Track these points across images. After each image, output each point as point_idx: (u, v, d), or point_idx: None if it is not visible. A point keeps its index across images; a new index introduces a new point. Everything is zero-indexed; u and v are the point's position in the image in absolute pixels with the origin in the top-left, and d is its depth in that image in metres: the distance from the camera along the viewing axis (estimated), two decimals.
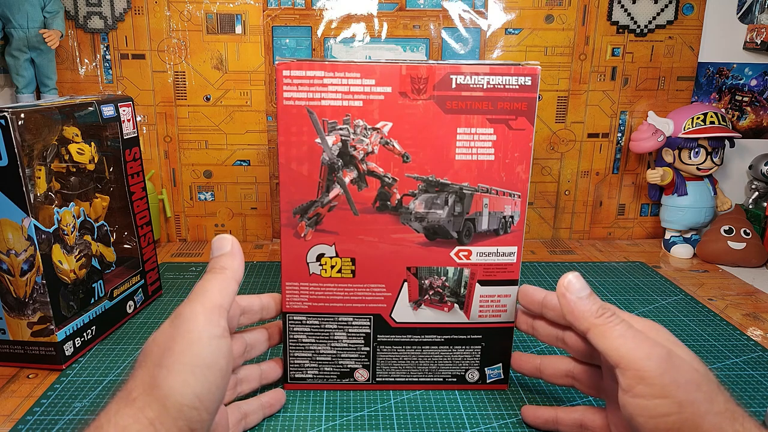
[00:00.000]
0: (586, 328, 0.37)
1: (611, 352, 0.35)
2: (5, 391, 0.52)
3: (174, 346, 0.33)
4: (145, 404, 0.32)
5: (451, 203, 0.48)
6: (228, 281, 0.38)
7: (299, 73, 0.44)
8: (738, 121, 0.93)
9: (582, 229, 0.96)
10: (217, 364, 0.34)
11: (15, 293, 0.53)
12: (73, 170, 0.57)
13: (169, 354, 0.33)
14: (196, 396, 0.33)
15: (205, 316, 0.35)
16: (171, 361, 0.33)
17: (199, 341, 0.34)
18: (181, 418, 0.32)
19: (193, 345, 0.34)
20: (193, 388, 0.33)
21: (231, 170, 0.90)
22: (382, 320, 0.50)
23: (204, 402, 0.33)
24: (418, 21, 0.85)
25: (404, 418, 0.49)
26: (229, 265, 0.38)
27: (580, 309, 0.38)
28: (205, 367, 0.33)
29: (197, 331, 0.34)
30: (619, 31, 0.87)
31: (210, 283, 0.37)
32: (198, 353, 0.33)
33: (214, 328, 0.35)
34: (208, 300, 0.36)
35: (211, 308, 0.35)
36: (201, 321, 0.35)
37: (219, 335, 0.35)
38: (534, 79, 0.45)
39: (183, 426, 0.32)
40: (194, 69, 0.86)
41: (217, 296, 0.36)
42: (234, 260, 0.39)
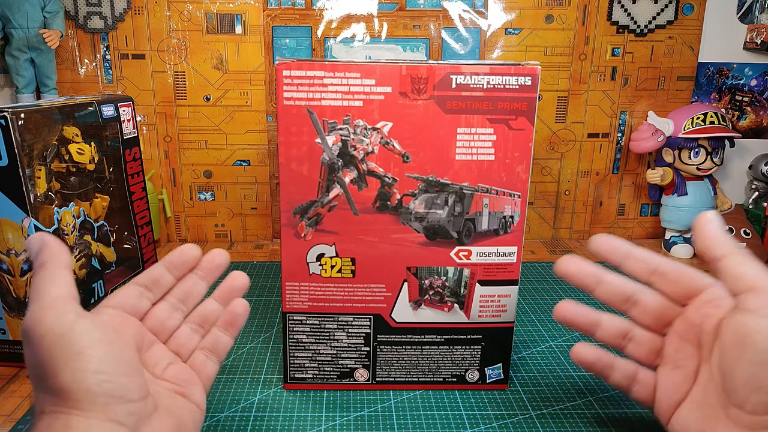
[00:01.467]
0: (723, 254, 0.38)
1: (749, 276, 0.36)
2: (5, 391, 0.52)
3: (41, 358, 0.32)
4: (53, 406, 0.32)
5: (451, 203, 0.48)
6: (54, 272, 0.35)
7: (299, 73, 0.45)
8: (738, 121, 0.93)
9: (582, 229, 0.96)
10: (93, 339, 0.33)
11: (15, 293, 0.53)
12: (73, 170, 0.57)
13: (43, 365, 0.32)
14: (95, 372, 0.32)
15: (48, 314, 0.33)
16: (49, 369, 0.32)
17: (58, 337, 0.32)
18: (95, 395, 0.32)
19: (56, 342, 0.32)
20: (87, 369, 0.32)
21: (231, 170, 0.90)
22: (382, 320, 0.50)
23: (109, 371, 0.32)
24: (418, 21, 0.85)
25: (404, 418, 0.49)
26: (48, 256, 0.36)
27: (722, 237, 0.39)
28: (85, 348, 0.32)
29: (50, 332, 0.32)
30: (619, 31, 0.87)
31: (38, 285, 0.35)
32: (66, 344, 0.32)
33: (62, 317, 0.33)
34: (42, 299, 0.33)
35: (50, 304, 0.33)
36: (46, 321, 0.32)
37: (74, 319, 0.33)
38: (534, 79, 0.45)
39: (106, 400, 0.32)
40: (194, 69, 0.86)
41: (51, 291, 0.34)
42: (51, 249, 0.36)
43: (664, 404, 0.41)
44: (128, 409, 0.33)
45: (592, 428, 0.48)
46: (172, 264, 0.44)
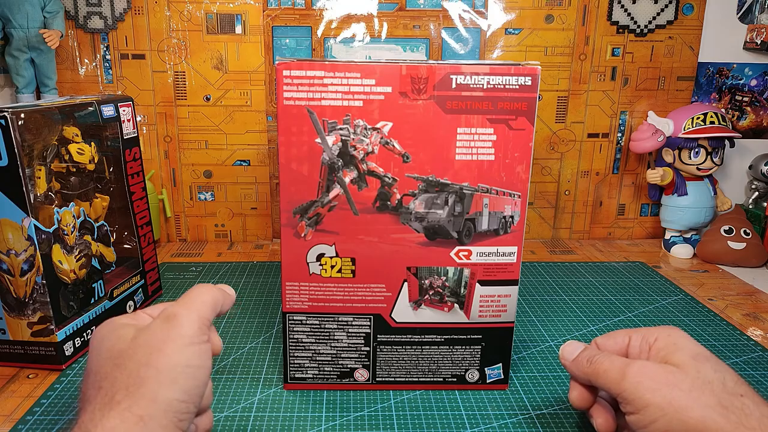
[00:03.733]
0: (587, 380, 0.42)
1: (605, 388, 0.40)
2: (5, 391, 0.52)
3: (165, 348, 0.35)
4: (132, 403, 0.33)
5: (451, 203, 0.48)
6: (219, 297, 0.40)
7: (299, 73, 0.44)
8: (738, 121, 0.93)
9: (582, 229, 0.96)
10: (201, 365, 0.36)
11: (15, 293, 0.53)
12: (73, 170, 0.57)
13: (160, 354, 0.35)
14: (185, 391, 0.35)
15: (198, 325, 0.37)
16: (162, 362, 0.34)
17: (190, 346, 0.36)
18: (170, 410, 0.34)
19: (185, 349, 0.36)
20: (182, 385, 0.35)
21: (231, 170, 0.90)
22: (382, 320, 0.50)
23: (191, 396, 0.35)
24: (418, 21, 0.85)
25: (404, 418, 0.49)
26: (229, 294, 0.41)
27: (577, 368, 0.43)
28: (195, 367, 0.36)
29: (190, 336, 0.36)
30: (619, 31, 0.87)
31: (207, 295, 0.39)
32: (189, 356, 0.36)
33: (202, 336, 0.37)
34: (203, 310, 0.38)
35: (204, 319, 0.38)
36: (195, 328, 0.37)
37: (204, 342, 0.37)
38: (534, 79, 0.45)
39: (172, 418, 0.34)
40: (194, 69, 0.86)
41: (209, 310, 0.39)
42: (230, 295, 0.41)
43: None
44: None
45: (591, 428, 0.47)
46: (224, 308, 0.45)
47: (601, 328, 0.65)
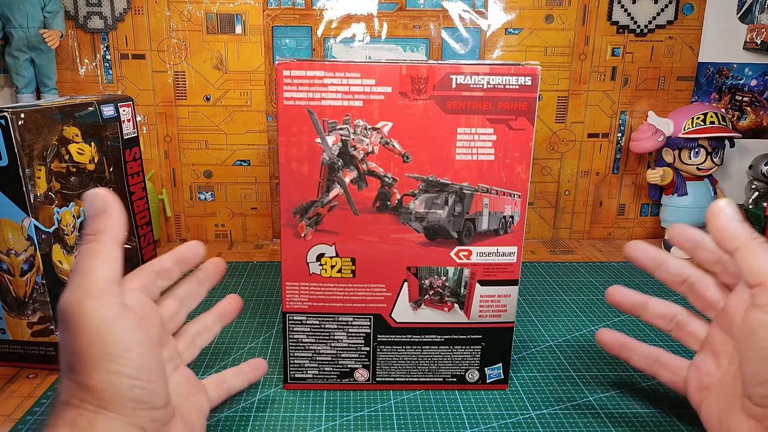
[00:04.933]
0: (737, 246, 0.37)
1: (760, 270, 0.35)
2: (5, 391, 0.52)
3: (77, 348, 0.31)
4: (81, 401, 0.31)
5: (451, 203, 0.48)
6: (107, 247, 0.33)
7: (299, 73, 0.44)
8: (738, 121, 0.93)
9: (582, 229, 0.96)
10: (131, 341, 0.32)
11: (15, 293, 0.53)
12: (73, 170, 0.57)
13: (77, 358, 0.31)
14: (129, 377, 0.31)
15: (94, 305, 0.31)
16: (83, 364, 0.31)
17: (99, 333, 0.31)
18: (126, 399, 0.31)
19: (96, 339, 0.31)
20: (122, 373, 0.31)
21: (231, 170, 0.90)
22: (382, 320, 0.50)
23: (141, 376, 0.32)
24: (418, 21, 0.85)
25: (404, 418, 0.49)
26: (104, 226, 0.33)
27: (735, 228, 0.37)
28: (122, 350, 0.31)
29: (92, 323, 0.31)
30: (619, 31, 0.87)
31: (86, 259, 0.32)
32: (106, 343, 0.31)
33: (107, 311, 0.31)
34: (89, 281, 0.32)
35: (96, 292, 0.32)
36: (91, 312, 0.31)
37: (117, 315, 0.32)
38: (534, 79, 0.45)
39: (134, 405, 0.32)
40: (194, 69, 0.86)
41: (100, 273, 0.32)
42: (109, 219, 0.33)
43: (694, 388, 0.41)
44: (152, 416, 0.33)
45: (591, 428, 0.48)
46: (181, 258, 0.42)
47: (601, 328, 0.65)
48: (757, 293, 0.35)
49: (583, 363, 0.57)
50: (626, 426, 0.48)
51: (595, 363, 0.57)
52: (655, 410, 0.50)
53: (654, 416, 0.49)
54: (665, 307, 0.45)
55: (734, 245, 0.37)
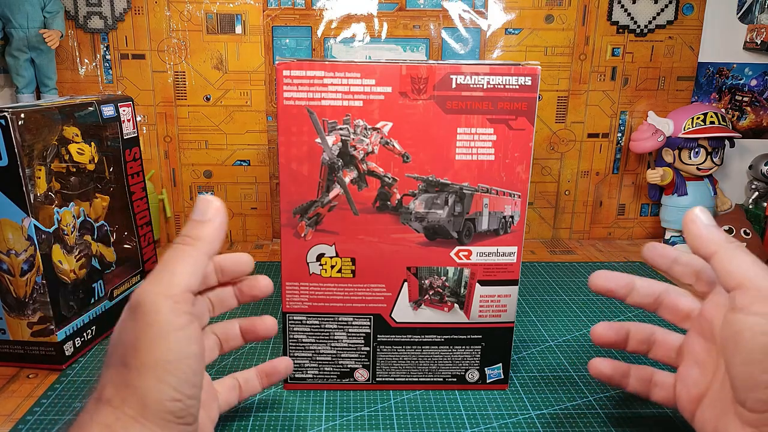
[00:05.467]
0: (713, 251, 0.37)
1: (737, 272, 0.35)
2: (5, 391, 0.52)
3: (139, 344, 0.31)
4: (121, 403, 0.31)
5: (451, 203, 0.48)
6: (200, 257, 0.33)
7: (299, 73, 0.44)
8: (738, 121, 0.93)
9: (582, 229, 0.96)
10: (189, 352, 0.32)
11: (15, 293, 0.53)
12: (73, 170, 0.57)
13: (134, 353, 0.31)
14: (174, 389, 0.31)
15: (169, 307, 0.31)
16: (138, 362, 0.31)
17: (166, 335, 0.31)
18: (164, 411, 0.31)
19: (161, 339, 0.31)
20: (169, 383, 0.31)
21: (231, 170, 0.90)
22: (382, 320, 0.50)
23: (183, 391, 0.32)
24: (418, 21, 0.85)
25: (404, 418, 0.49)
26: (205, 235, 0.34)
27: (710, 233, 0.38)
28: (178, 360, 0.31)
29: (163, 324, 0.31)
30: (619, 31, 0.87)
31: (177, 262, 0.33)
32: (166, 349, 0.31)
33: (180, 318, 0.32)
34: (174, 285, 0.32)
35: (177, 294, 0.32)
36: (164, 313, 0.31)
37: (186, 322, 0.32)
38: (534, 79, 0.45)
39: (169, 416, 0.31)
40: (194, 69, 0.86)
41: (185, 278, 0.32)
42: (209, 229, 0.34)
43: (685, 401, 0.41)
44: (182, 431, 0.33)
45: (591, 428, 0.48)
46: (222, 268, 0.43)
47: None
48: (737, 296, 0.35)
49: (583, 363, 0.57)
50: (626, 426, 0.48)
51: None
52: (655, 410, 0.50)
53: (654, 416, 0.49)
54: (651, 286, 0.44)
55: (711, 250, 0.37)
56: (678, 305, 0.43)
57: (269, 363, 0.47)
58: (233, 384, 0.45)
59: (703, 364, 0.40)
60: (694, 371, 0.40)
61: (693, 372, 0.40)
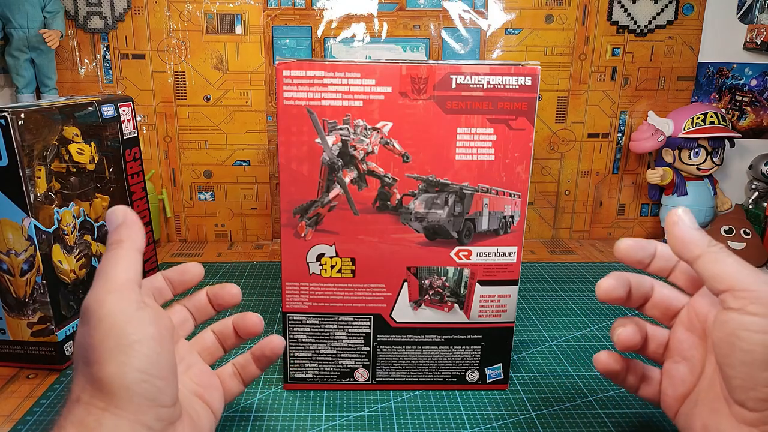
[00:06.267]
0: (698, 254, 0.36)
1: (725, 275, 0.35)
2: (5, 391, 0.52)
3: (93, 341, 0.32)
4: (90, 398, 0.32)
5: (451, 203, 0.48)
6: (128, 253, 0.35)
7: (299, 73, 0.44)
8: (738, 121, 0.93)
9: (582, 229, 0.96)
10: (145, 333, 0.33)
11: (15, 293, 0.53)
12: (73, 170, 0.57)
13: (92, 350, 0.32)
14: (139, 370, 0.32)
15: (113, 298, 0.33)
16: (97, 355, 0.32)
17: (115, 325, 0.32)
18: (134, 396, 0.32)
19: (112, 330, 0.32)
20: (132, 366, 0.32)
21: (231, 170, 0.90)
22: (382, 320, 0.50)
23: (150, 371, 0.32)
24: (418, 21, 0.85)
25: (404, 418, 0.49)
26: (125, 235, 0.36)
27: (694, 237, 0.37)
28: (134, 342, 0.32)
29: (109, 316, 0.32)
30: (619, 31, 0.87)
31: (108, 263, 0.35)
32: (120, 334, 0.32)
33: (127, 303, 0.33)
34: (109, 282, 0.34)
35: (117, 288, 0.33)
36: (109, 305, 0.33)
37: (135, 308, 0.33)
38: (534, 79, 0.45)
39: (141, 401, 0.32)
40: (194, 69, 0.86)
41: (120, 273, 0.34)
42: (129, 229, 0.36)
43: (670, 398, 0.40)
44: (158, 414, 0.33)
45: (591, 428, 0.48)
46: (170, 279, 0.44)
47: (601, 328, 0.65)
48: (728, 298, 0.34)
49: (583, 363, 0.57)
50: (626, 426, 0.48)
51: None
52: (655, 410, 0.50)
53: (654, 416, 0.49)
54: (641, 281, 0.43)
55: (695, 253, 0.37)
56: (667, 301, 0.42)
57: (257, 345, 0.46)
58: (232, 371, 0.45)
59: (690, 361, 0.39)
60: (682, 368, 0.40)
61: (680, 369, 0.40)
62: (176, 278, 0.43)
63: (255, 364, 0.46)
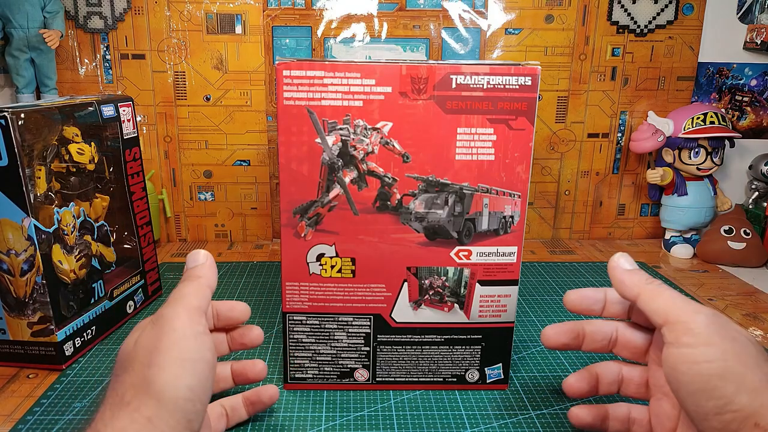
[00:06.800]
0: (637, 293, 0.39)
1: (661, 310, 0.37)
2: (5, 391, 0.52)
3: (161, 345, 0.35)
4: (140, 404, 0.33)
5: (451, 203, 0.48)
6: (203, 287, 0.40)
7: (299, 73, 0.45)
8: (738, 121, 0.93)
9: (582, 229, 0.96)
10: (204, 357, 0.36)
11: (15, 293, 0.53)
12: (73, 170, 0.57)
13: (157, 353, 0.35)
14: (189, 388, 0.34)
15: (187, 315, 0.37)
16: (161, 359, 0.34)
17: (184, 338, 0.36)
18: (177, 411, 0.33)
19: (180, 341, 0.35)
20: (185, 381, 0.34)
21: (231, 170, 0.90)
22: (382, 320, 0.50)
23: (197, 393, 0.35)
24: (418, 21, 0.85)
25: (404, 418, 0.49)
26: (204, 274, 0.41)
27: (631, 278, 0.40)
28: (194, 360, 0.35)
29: (181, 329, 0.36)
30: (619, 31, 0.87)
31: (187, 289, 0.39)
32: (185, 348, 0.35)
33: (197, 325, 0.37)
34: (187, 302, 0.38)
35: (191, 309, 0.38)
36: (184, 319, 0.36)
37: (202, 331, 0.37)
38: (534, 79, 0.45)
39: (180, 418, 0.34)
40: (194, 69, 0.86)
41: (195, 299, 0.39)
42: (208, 271, 0.42)
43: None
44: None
45: None
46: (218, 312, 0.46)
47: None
48: (666, 332, 0.36)
49: (583, 363, 0.57)
50: None
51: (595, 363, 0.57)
52: None
53: None
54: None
55: (634, 293, 0.39)
56: (632, 341, 0.43)
57: (254, 391, 0.47)
58: (221, 412, 0.46)
59: (670, 396, 0.40)
60: (665, 404, 0.40)
61: (664, 405, 0.40)
62: (224, 312, 0.46)
63: (245, 409, 0.47)
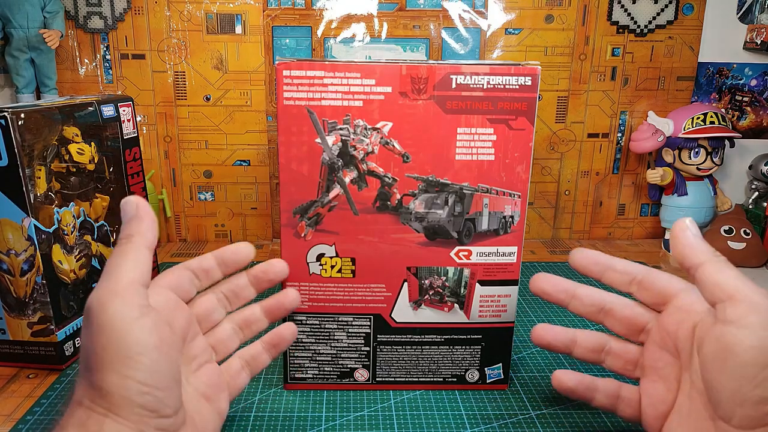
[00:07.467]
0: (702, 261, 0.37)
1: (727, 285, 0.35)
2: (5, 391, 0.52)
3: (94, 346, 0.31)
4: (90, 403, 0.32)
5: (451, 203, 0.48)
6: (136, 250, 0.34)
7: (299, 73, 0.45)
8: (738, 121, 0.93)
9: (582, 229, 0.96)
10: (147, 345, 0.32)
11: (15, 293, 0.53)
12: (73, 170, 0.57)
13: (93, 356, 0.31)
14: (140, 383, 0.31)
15: (115, 302, 0.32)
16: (98, 363, 0.31)
17: (116, 333, 0.31)
18: (134, 406, 0.31)
19: (112, 338, 0.31)
20: (133, 378, 0.31)
21: (231, 170, 0.90)
22: (382, 320, 0.50)
23: (152, 383, 0.32)
24: (418, 21, 0.85)
25: (404, 418, 0.49)
26: (135, 230, 0.35)
27: (700, 245, 0.38)
28: (136, 354, 0.31)
29: (110, 324, 0.31)
30: (619, 31, 0.87)
31: (116, 260, 0.34)
32: (121, 344, 0.31)
33: (129, 310, 0.32)
34: (113, 282, 0.33)
35: (120, 290, 0.32)
36: (111, 309, 0.32)
37: (137, 316, 0.32)
38: (534, 79, 0.45)
39: (142, 412, 0.32)
40: (194, 69, 0.86)
41: (126, 273, 0.33)
42: (141, 223, 0.35)
43: (651, 418, 0.40)
44: (159, 424, 0.33)
45: (591, 428, 0.48)
46: (223, 260, 0.42)
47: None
48: (726, 308, 0.34)
49: (583, 363, 0.57)
50: (626, 426, 0.48)
51: None
52: None
53: None
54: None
55: (699, 260, 0.37)
56: (631, 317, 0.42)
57: (274, 332, 0.45)
58: (239, 365, 0.44)
59: (667, 379, 0.39)
60: (659, 386, 0.40)
61: (658, 387, 0.40)
62: (229, 257, 0.42)
63: (267, 353, 0.45)
